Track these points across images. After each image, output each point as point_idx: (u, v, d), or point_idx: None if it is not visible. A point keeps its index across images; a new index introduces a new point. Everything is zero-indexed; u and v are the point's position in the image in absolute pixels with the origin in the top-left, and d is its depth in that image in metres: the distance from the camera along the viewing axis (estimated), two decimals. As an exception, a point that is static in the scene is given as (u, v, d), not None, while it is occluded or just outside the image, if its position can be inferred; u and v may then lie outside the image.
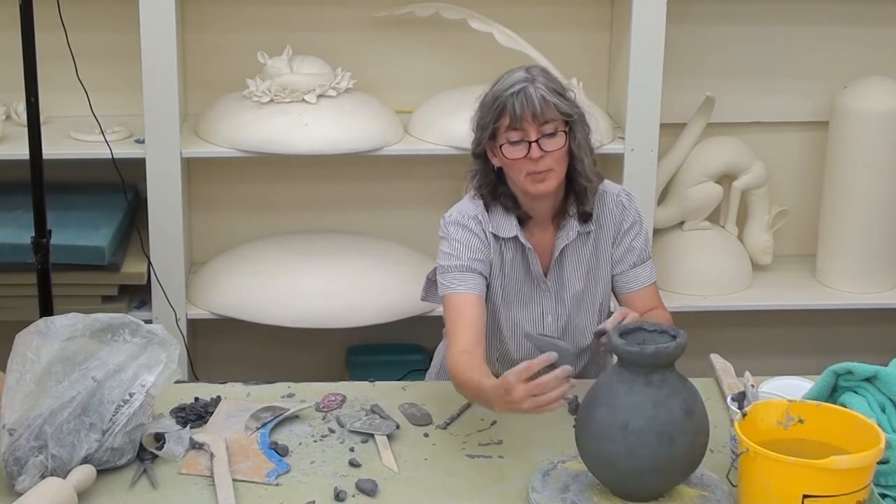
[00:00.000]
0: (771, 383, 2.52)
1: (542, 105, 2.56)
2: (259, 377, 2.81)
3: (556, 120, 2.58)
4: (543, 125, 2.57)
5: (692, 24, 3.86)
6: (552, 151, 2.57)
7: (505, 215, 2.69)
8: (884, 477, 2.19)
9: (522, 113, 2.55)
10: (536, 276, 2.72)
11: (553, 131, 2.57)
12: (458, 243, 2.67)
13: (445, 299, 2.67)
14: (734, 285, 3.94)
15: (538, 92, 2.56)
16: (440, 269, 2.69)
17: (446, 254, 2.68)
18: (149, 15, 3.46)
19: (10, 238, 3.43)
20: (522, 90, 2.56)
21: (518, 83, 2.57)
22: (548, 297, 2.74)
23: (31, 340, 2.35)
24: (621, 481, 2.21)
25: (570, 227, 2.70)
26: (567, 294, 2.75)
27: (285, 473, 2.37)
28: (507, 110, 2.56)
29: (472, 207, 2.71)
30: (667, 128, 3.74)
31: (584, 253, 2.74)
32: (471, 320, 2.61)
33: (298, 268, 3.69)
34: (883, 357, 2.49)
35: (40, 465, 2.26)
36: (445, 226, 2.71)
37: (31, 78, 3.03)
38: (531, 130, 2.56)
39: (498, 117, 2.58)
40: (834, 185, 3.89)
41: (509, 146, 2.58)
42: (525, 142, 2.57)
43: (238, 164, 3.85)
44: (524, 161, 2.58)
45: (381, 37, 3.84)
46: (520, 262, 2.71)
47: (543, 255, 2.73)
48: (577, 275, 2.74)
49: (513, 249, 2.70)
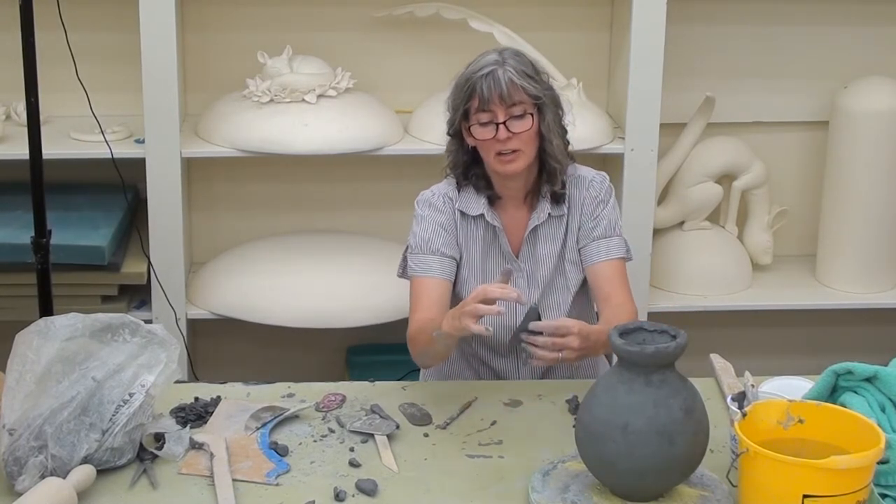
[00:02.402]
0: (771, 383, 2.52)
1: (510, 87, 2.63)
2: (259, 377, 2.81)
3: (525, 102, 2.65)
4: (511, 107, 2.64)
5: (692, 24, 3.86)
6: (520, 133, 2.65)
7: (476, 195, 2.76)
8: (884, 477, 2.19)
9: (490, 95, 2.63)
10: (507, 255, 2.77)
11: (521, 113, 2.65)
12: (424, 221, 2.77)
13: (411, 281, 2.78)
14: (734, 285, 3.94)
15: (507, 75, 2.63)
16: (409, 250, 2.79)
17: (414, 233, 2.78)
18: (149, 15, 3.46)
19: (10, 238, 3.43)
20: (492, 73, 2.64)
21: (488, 66, 2.65)
22: (519, 277, 2.79)
23: (31, 340, 2.35)
24: (621, 481, 2.21)
25: (543, 208, 2.76)
26: (540, 274, 2.79)
27: (285, 473, 2.37)
28: (476, 92, 2.65)
29: (443, 187, 2.80)
30: (667, 128, 3.74)
31: (558, 235, 2.78)
32: (433, 300, 2.71)
33: (298, 268, 3.70)
34: (883, 357, 2.49)
35: (40, 465, 2.26)
36: (417, 204, 2.81)
37: (31, 78, 3.03)
38: (499, 112, 2.64)
39: (468, 98, 2.66)
40: (834, 185, 3.89)
41: (479, 127, 2.66)
42: (493, 123, 2.64)
43: (238, 164, 3.86)
44: (493, 142, 2.66)
45: (381, 37, 3.84)
46: (490, 241, 2.78)
47: (516, 234, 2.78)
48: (550, 256, 2.79)
49: (482, 228, 2.77)
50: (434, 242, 2.75)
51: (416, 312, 2.73)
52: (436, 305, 2.71)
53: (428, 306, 2.71)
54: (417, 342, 2.69)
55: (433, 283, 2.74)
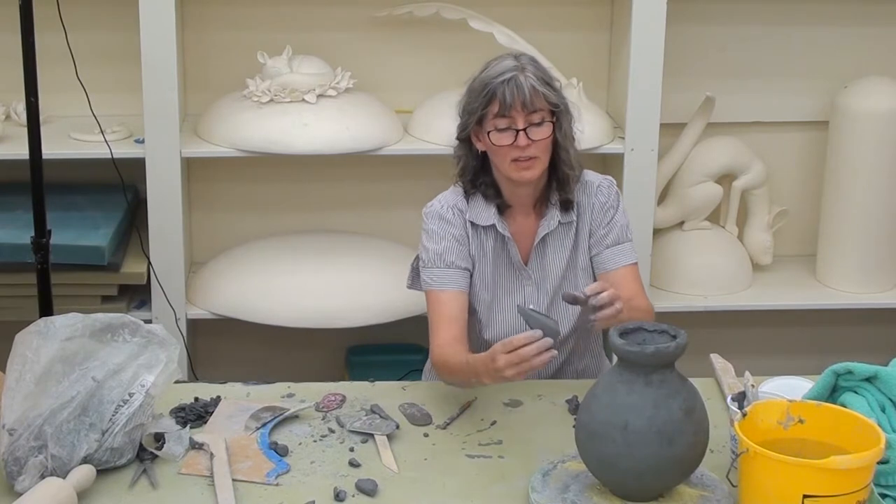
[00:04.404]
0: (771, 383, 2.52)
1: (532, 94, 2.61)
2: (259, 377, 2.81)
3: (544, 109, 2.63)
4: (532, 114, 2.62)
5: (692, 24, 3.86)
6: (539, 140, 2.62)
7: (485, 204, 2.73)
8: (884, 477, 2.19)
9: (512, 101, 2.60)
10: (517, 264, 2.75)
11: (540, 120, 2.63)
12: (436, 235, 2.72)
13: (427, 294, 2.72)
14: (734, 285, 3.94)
15: (528, 81, 2.61)
16: (422, 263, 2.74)
17: (425, 248, 2.73)
18: (149, 15, 3.46)
19: (10, 238, 3.43)
20: (513, 78, 2.60)
21: (508, 71, 2.62)
22: (529, 285, 2.77)
23: (30, 340, 2.35)
24: (621, 481, 2.21)
25: (552, 215, 2.74)
26: (549, 283, 2.77)
27: (285, 473, 2.37)
28: (496, 97, 2.61)
29: (451, 197, 2.76)
30: (667, 128, 3.74)
31: (566, 242, 2.76)
32: (453, 316, 2.67)
33: (298, 268, 3.69)
34: (883, 357, 2.49)
35: (40, 465, 2.26)
36: (425, 217, 2.76)
37: (31, 78, 3.03)
38: (519, 119, 2.61)
39: (487, 104, 2.62)
40: (834, 185, 3.89)
41: (497, 133, 2.63)
42: (512, 129, 2.61)
43: (238, 164, 3.86)
44: (510, 148, 2.63)
45: (381, 37, 3.84)
46: (500, 250, 2.75)
47: (524, 243, 2.76)
48: (559, 264, 2.77)
49: (493, 238, 2.74)
50: (449, 256, 2.70)
51: (437, 333, 2.66)
52: (456, 323, 2.66)
53: (448, 323, 2.66)
54: (444, 368, 2.62)
55: (451, 295, 2.69)
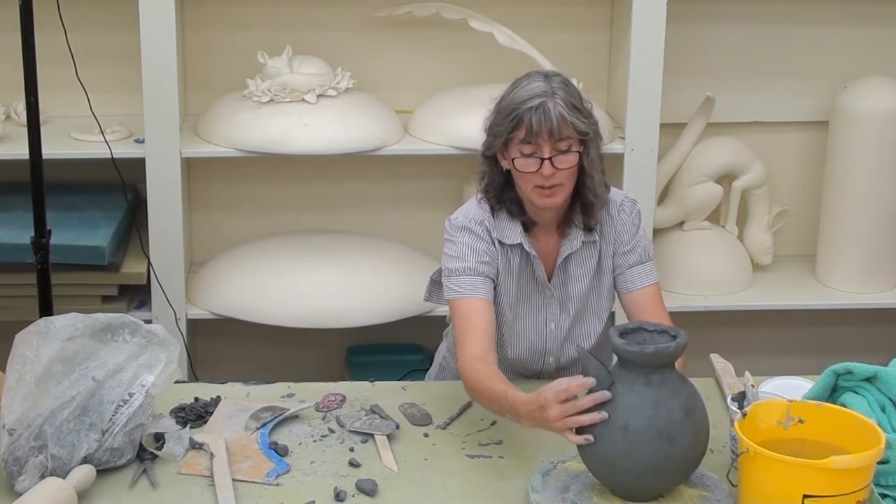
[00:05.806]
0: (771, 383, 2.52)
1: (560, 123, 2.51)
2: (259, 377, 2.81)
3: (572, 138, 2.54)
4: (558, 142, 2.53)
5: (692, 24, 3.86)
6: (564, 169, 2.55)
7: (510, 221, 2.66)
8: (884, 477, 2.19)
9: (539, 129, 2.51)
10: (541, 282, 2.71)
11: (567, 148, 2.54)
12: (465, 247, 2.64)
13: (453, 304, 2.63)
14: (734, 285, 3.94)
15: (557, 108, 2.51)
16: (446, 272, 2.66)
17: (452, 257, 2.65)
18: (149, 15, 3.46)
19: (10, 238, 3.43)
20: (542, 105, 2.51)
21: (538, 96, 2.52)
22: (552, 304, 2.73)
23: (30, 340, 2.35)
24: (621, 481, 2.21)
25: (575, 236, 2.68)
26: (571, 302, 2.73)
27: (285, 473, 2.37)
28: (523, 123, 2.52)
29: (478, 212, 2.67)
30: (667, 128, 3.74)
31: (590, 262, 2.72)
32: (482, 326, 2.58)
33: (298, 268, 3.69)
34: (883, 357, 2.49)
35: (40, 465, 2.26)
36: (451, 229, 2.67)
37: (31, 78, 3.03)
38: (545, 147, 2.52)
39: (513, 129, 2.54)
40: (834, 185, 3.89)
41: (522, 158, 2.55)
42: (537, 157, 2.53)
43: (238, 164, 3.85)
44: (534, 175, 2.55)
45: (381, 37, 3.84)
46: (524, 268, 2.69)
47: (548, 261, 2.71)
48: (582, 283, 2.72)
49: (518, 256, 2.68)
50: (477, 263, 2.62)
51: (466, 342, 2.56)
52: (486, 335, 2.57)
53: (478, 335, 2.56)
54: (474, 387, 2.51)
55: (479, 304, 2.60)
